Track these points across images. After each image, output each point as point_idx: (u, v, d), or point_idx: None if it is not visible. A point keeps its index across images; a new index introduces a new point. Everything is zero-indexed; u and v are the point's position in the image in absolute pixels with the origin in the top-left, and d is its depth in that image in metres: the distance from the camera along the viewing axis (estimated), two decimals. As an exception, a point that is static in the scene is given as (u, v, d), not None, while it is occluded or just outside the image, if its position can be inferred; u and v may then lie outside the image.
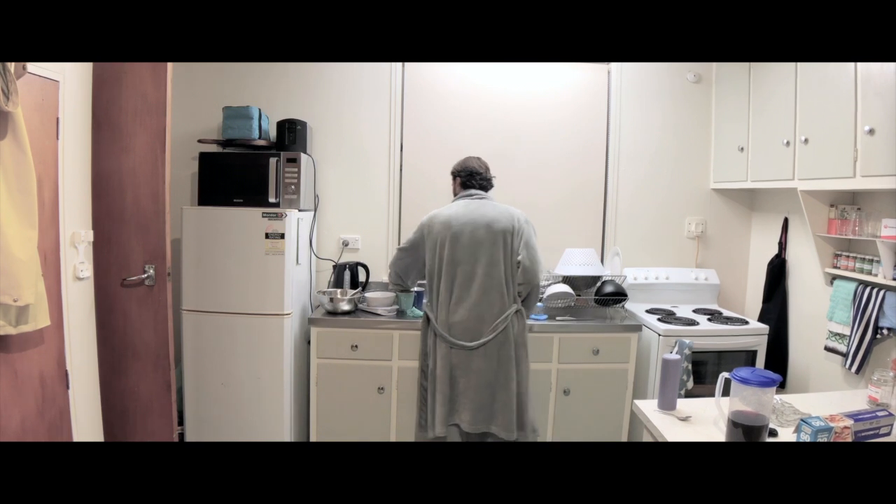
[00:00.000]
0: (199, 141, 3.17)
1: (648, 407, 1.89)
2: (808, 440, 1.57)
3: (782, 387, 3.03)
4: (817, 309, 2.84)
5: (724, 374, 1.66)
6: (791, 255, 3.15)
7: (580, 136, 3.50)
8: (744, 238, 3.59)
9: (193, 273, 2.87)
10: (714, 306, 3.43)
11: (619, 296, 3.08)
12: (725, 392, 1.68)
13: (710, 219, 3.56)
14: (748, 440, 1.54)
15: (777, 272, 3.19)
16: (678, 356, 1.92)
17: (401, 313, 3.03)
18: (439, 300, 2.56)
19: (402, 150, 3.46)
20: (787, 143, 2.70)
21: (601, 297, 3.09)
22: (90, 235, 2.39)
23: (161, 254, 2.52)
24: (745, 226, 3.58)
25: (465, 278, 2.52)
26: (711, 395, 1.78)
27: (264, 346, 2.88)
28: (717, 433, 1.68)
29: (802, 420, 1.62)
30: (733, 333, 2.94)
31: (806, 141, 2.56)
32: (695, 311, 3.31)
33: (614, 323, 2.98)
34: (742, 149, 3.14)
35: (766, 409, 1.56)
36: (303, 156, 3.03)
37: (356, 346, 2.89)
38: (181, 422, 2.91)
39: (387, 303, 3.05)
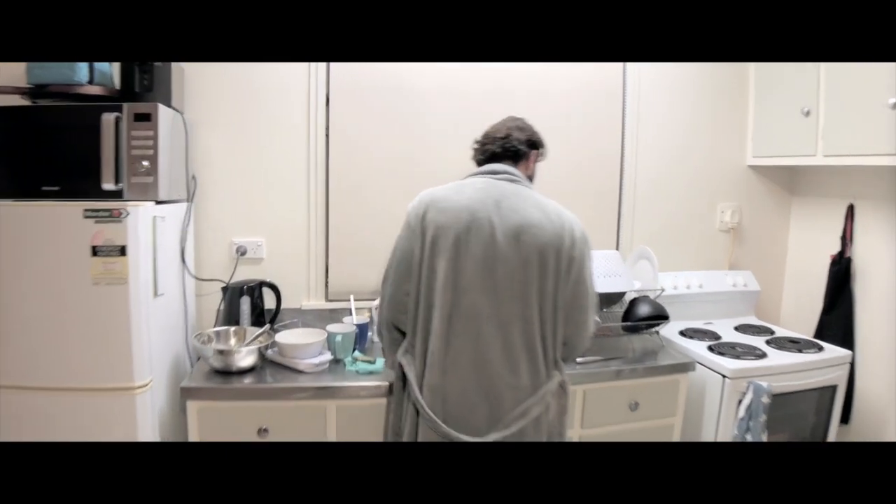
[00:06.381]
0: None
1: None
2: None
3: (845, 422, 2.34)
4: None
5: None
6: (859, 254, 2.39)
7: (591, 105, 2.52)
8: (781, 231, 2.78)
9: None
10: (753, 320, 2.61)
11: (660, 319, 2.14)
12: None
13: (746, 206, 2.72)
14: None
15: (842, 276, 2.42)
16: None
17: (335, 365, 1.91)
18: (427, 346, 1.47)
19: (328, 103, 2.28)
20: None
21: (636, 322, 2.12)
22: None
23: None
24: (783, 215, 2.77)
25: (472, 316, 1.43)
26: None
27: (106, 440, 1.65)
28: None
29: None
30: (815, 366, 2.12)
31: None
32: (736, 328, 2.48)
33: (658, 364, 2.03)
34: (808, 112, 2.29)
35: None
36: (164, 110, 1.79)
37: (265, 430, 1.73)
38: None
39: (312, 351, 1.89)
